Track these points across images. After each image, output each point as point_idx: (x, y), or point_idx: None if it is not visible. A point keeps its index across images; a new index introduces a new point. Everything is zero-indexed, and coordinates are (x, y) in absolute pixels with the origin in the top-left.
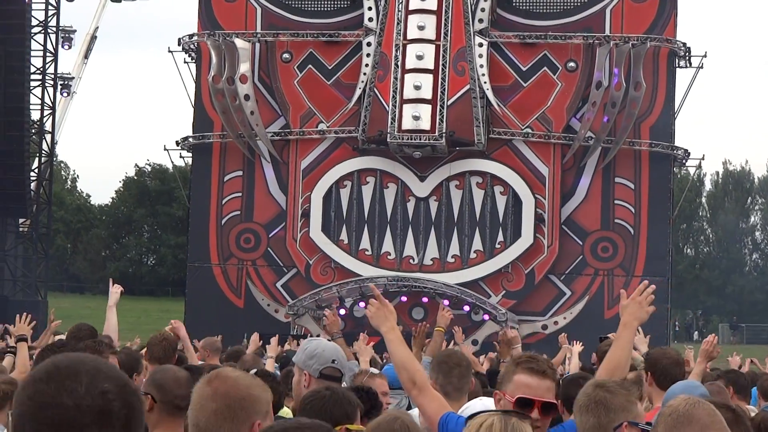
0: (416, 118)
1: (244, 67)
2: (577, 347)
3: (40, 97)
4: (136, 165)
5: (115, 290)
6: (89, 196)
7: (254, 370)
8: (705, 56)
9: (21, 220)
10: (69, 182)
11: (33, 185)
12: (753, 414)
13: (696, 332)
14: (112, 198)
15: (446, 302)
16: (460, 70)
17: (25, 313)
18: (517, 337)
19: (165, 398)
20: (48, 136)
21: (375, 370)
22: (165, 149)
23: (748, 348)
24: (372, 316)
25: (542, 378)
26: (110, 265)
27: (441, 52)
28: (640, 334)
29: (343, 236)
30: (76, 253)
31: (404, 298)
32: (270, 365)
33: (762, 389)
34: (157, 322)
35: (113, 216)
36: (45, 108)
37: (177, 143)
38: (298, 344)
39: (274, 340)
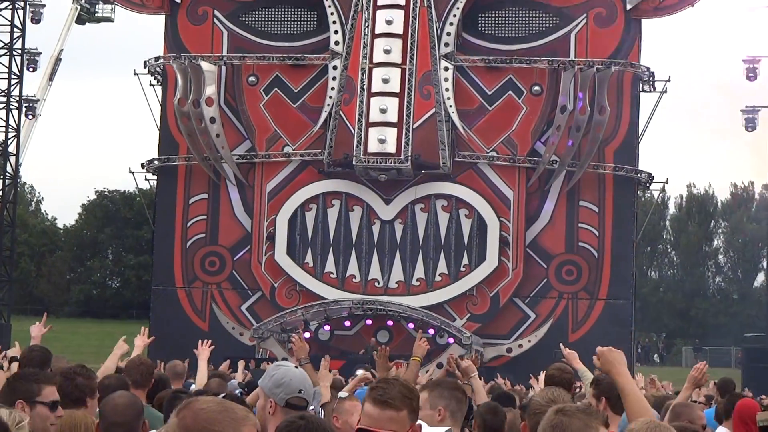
0: (382, 141)
1: (209, 90)
2: (541, 382)
3: (4, 119)
4: (96, 190)
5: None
6: (54, 219)
7: (222, 394)
8: (669, 81)
9: None
10: (33, 204)
11: None
12: None
13: (656, 355)
14: (76, 220)
15: (411, 325)
16: (426, 93)
17: None
18: (471, 366)
19: (104, 424)
20: (12, 159)
21: (344, 394)
22: (130, 172)
23: (712, 371)
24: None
25: (383, 408)
26: (74, 288)
27: (407, 75)
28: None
29: (308, 259)
30: (40, 275)
31: (369, 322)
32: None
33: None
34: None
35: (78, 238)
36: (9, 130)
37: (142, 166)
38: (257, 367)
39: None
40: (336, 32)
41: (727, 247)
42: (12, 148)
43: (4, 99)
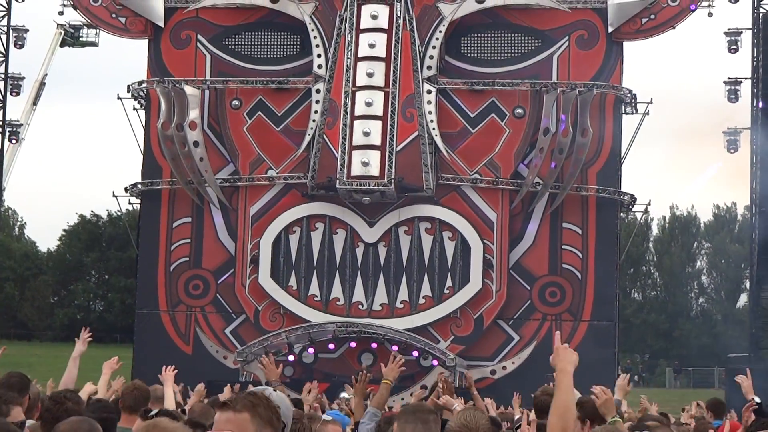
0: (365, 164)
1: (193, 114)
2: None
3: None
4: (80, 213)
5: (82, 341)
6: (34, 243)
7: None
8: (651, 102)
9: None
10: (17, 229)
11: None
12: None
13: (636, 376)
14: (58, 245)
15: (395, 348)
16: (409, 116)
17: None
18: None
19: None
20: None
21: (327, 417)
22: (114, 195)
23: (696, 392)
24: None
25: (223, 410)
26: (58, 311)
27: (390, 98)
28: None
29: (292, 282)
30: (23, 299)
31: (353, 344)
32: None
33: None
34: None
35: (61, 262)
36: None
37: (126, 189)
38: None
39: (227, 390)
40: (319, 56)
41: (710, 268)
42: None
43: None
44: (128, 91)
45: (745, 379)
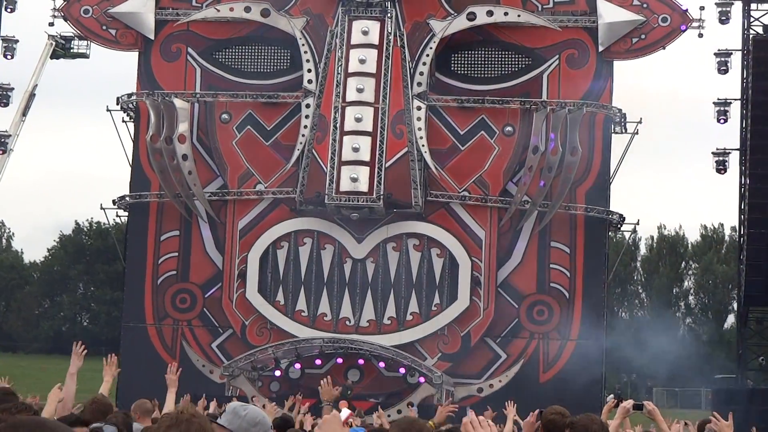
0: (354, 179)
1: (182, 127)
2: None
3: None
4: (68, 225)
5: (77, 355)
6: (22, 252)
7: None
8: (640, 122)
9: None
10: (4, 240)
11: None
12: None
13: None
14: (45, 256)
15: (382, 364)
16: (399, 132)
17: None
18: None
19: None
20: None
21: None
22: (102, 208)
23: (683, 412)
24: None
25: None
26: (44, 323)
27: (379, 114)
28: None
29: (280, 297)
30: (9, 311)
31: (340, 360)
32: None
33: None
34: (89, 383)
35: (47, 273)
36: None
37: (114, 202)
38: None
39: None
40: (309, 71)
41: (697, 289)
42: None
43: None
44: (117, 104)
45: (717, 424)
